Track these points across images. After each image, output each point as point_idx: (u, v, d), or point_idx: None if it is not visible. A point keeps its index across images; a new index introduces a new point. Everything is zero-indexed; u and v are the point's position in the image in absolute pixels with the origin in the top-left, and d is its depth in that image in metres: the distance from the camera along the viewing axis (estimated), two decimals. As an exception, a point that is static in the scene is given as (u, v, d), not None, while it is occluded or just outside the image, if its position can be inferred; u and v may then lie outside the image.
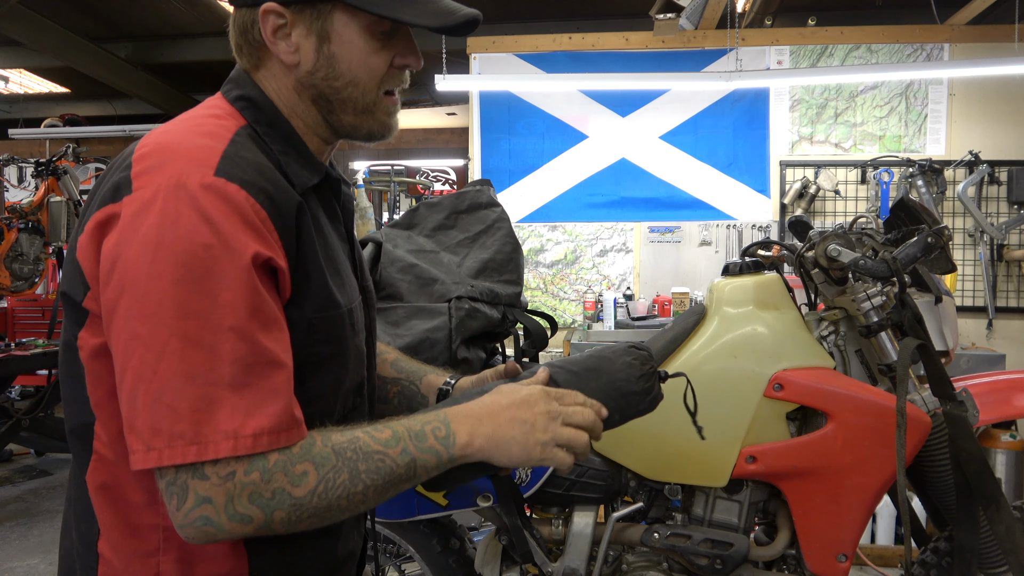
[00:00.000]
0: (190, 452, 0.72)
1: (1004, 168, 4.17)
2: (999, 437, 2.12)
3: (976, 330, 4.20)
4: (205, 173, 0.77)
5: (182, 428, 0.72)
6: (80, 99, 8.11)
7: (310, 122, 0.94)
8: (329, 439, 0.80)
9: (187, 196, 0.75)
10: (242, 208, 0.77)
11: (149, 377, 0.73)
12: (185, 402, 0.72)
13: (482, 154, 4.54)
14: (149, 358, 0.73)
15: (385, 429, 0.84)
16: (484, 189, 1.88)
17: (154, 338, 0.73)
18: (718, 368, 1.56)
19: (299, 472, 0.77)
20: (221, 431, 0.73)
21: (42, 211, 4.72)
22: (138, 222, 0.75)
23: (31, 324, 6.01)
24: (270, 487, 0.75)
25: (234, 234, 0.76)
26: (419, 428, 0.85)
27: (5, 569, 3.18)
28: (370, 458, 0.81)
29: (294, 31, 0.88)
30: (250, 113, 0.90)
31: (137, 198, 0.77)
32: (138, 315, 0.74)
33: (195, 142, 0.82)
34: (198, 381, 0.73)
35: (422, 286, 1.64)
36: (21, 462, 4.92)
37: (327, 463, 0.78)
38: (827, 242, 1.57)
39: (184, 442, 0.72)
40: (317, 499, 0.78)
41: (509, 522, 1.61)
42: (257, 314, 0.76)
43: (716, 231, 4.40)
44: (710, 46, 4.36)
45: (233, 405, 0.74)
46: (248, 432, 0.74)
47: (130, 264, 0.74)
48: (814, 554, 1.52)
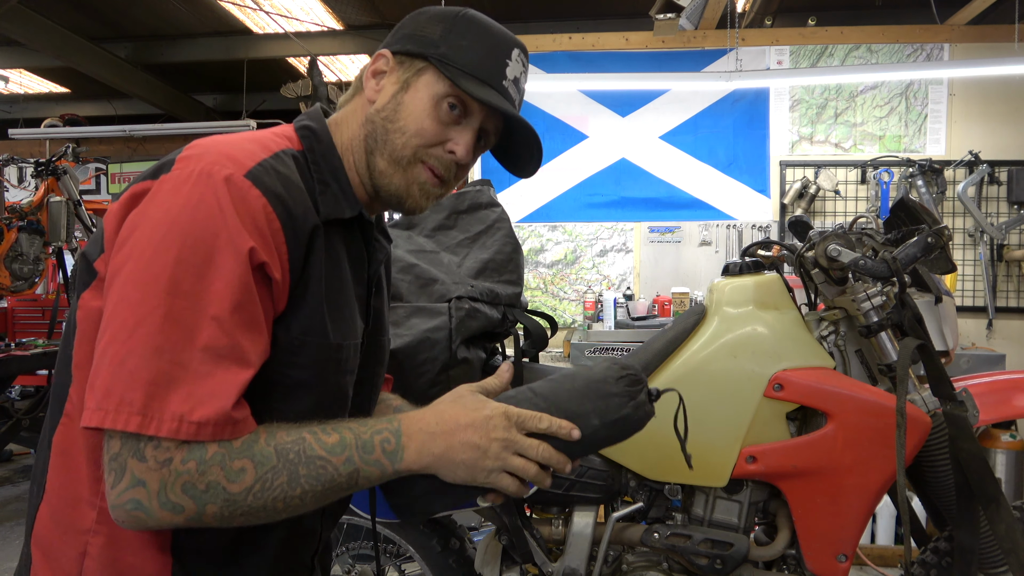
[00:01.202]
0: (133, 421, 0.73)
1: (1004, 168, 4.17)
2: (999, 437, 2.13)
3: (976, 330, 4.20)
4: (236, 171, 0.81)
5: (133, 396, 0.73)
6: (80, 99, 8.12)
7: (357, 158, 0.99)
8: (274, 437, 0.80)
9: (212, 185, 0.79)
10: (255, 211, 0.81)
11: (123, 340, 0.75)
12: (146, 372, 0.74)
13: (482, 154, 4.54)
14: (129, 323, 0.75)
15: (333, 433, 0.83)
16: (484, 189, 1.88)
17: (141, 305, 0.75)
18: (718, 368, 1.56)
19: (237, 468, 0.77)
20: (170, 411, 0.74)
21: (42, 211, 4.71)
22: (163, 198, 0.80)
23: (31, 324, 6.01)
24: (205, 479, 0.75)
25: (240, 230, 0.79)
26: (368, 437, 0.84)
27: (5, 569, 3.18)
28: (312, 463, 0.80)
29: (389, 76, 0.97)
30: (308, 141, 0.95)
31: (172, 177, 0.81)
32: (135, 281, 0.76)
33: (242, 145, 0.86)
34: (165, 357, 0.74)
35: (422, 286, 1.64)
36: (21, 462, 4.92)
37: (267, 463, 0.78)
38: (827, 242, 1.57)
39: (131, 410, 0.73)
40: (252, 498, 0.78)
41: (509, 522, 1.61)
42: (241, 310, 0.78)
43: (716, 231, 4.40)
44: (710, 46, 4.36)
45: (190, 390, 0.75)
46: (194, 419, 0.74)
47: (144, 234, 0.78)
48: (814, 554, 1.52)
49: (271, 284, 0.83)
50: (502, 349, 1.80)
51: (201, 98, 8.24)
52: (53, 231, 4.72)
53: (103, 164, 7.10)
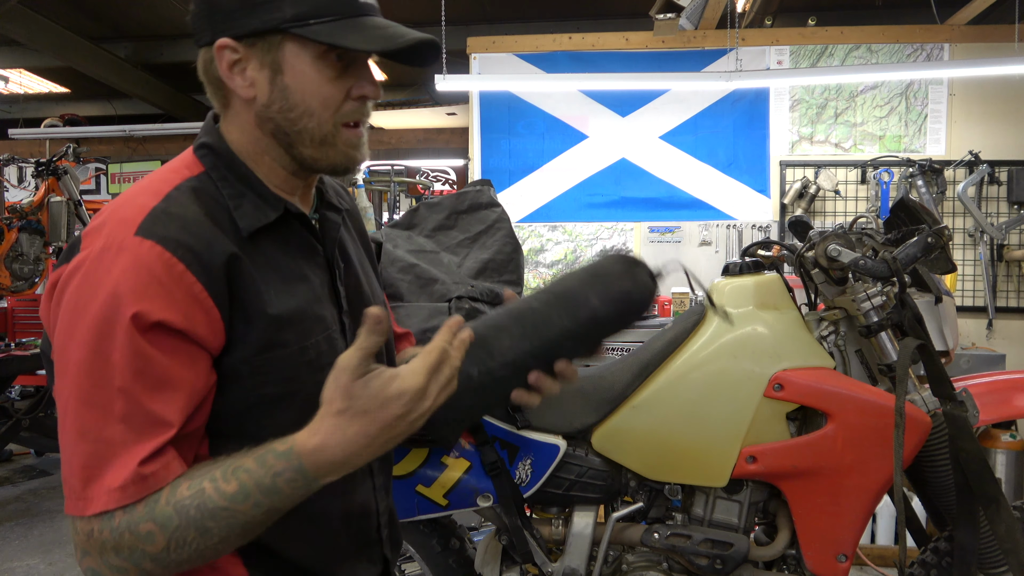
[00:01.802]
0: (78, 507, 0.77)
1: (1004, 168, 4.17)
2: (999, 437, 2.13)
3: (976, 330, 4.20)
4: (127, 234, 0.80)
5: (74, 483, 0.77)
6: (80, 99, 8.11)
7: (275, 156, 0.93)
8: (174, 495, 0.77)
9: (107, 259, 0.79)
10: (151, 266, 0.79)
11: (62, 432, 0.79)
12: (78, 458, 0.77)
13: (482, 154, 4.54)
14: (61, 415, 0.79)
15: (232, 480, 0.77)
16: (484, 189, 1.88)
17: (65, 396, 0.79)
18: (718, 368, 1.56)
19: (144, 532, 0.76)
20: (105, 487, 0.76)
21: (42, 211, 4.72)
22: (69, 284, 0.81)
23: (31, 324, 6.01)
24: (124, 544, 0.77)
25: (126, 297, 0.77)
26: (270, 482, 0.77)
27: (5, 569, 3.18)
28: (217, 515, 0.77)
29: (248, 65, 0.88)
30: (208, 160, 0.91)
31: (76, 261, 0.82)
32: (59, 373, 0.80)
33: (134, 201, 0.85)
34: (88, 438, 0.77)
35: (422, 286, 1.64)
36: (21, 462, 4.92)
37: (170, 524, 0.77)
38: (827, 242, 1.57)
39: (75, 497, 0.77)
40: (175, 553, 0.77)
41: (509, 522, 1.61)
42: (141, 376, 0.78)
43: (716, 231, 4.40)
44: (710, 46, 4.36)
45: (115, 466, 0.76)
46: (114, 487, 0.76)
47: (59, 325, 0.81)
48: (814, 554, 1.52)
49: (184, 334, 0.80)
50: (502, 349, 1.80)
51: (201, 98, 8.22)
52: (53, 231, 4.72)
53: (103, 164, 7.10)
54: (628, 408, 1.60)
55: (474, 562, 1.73)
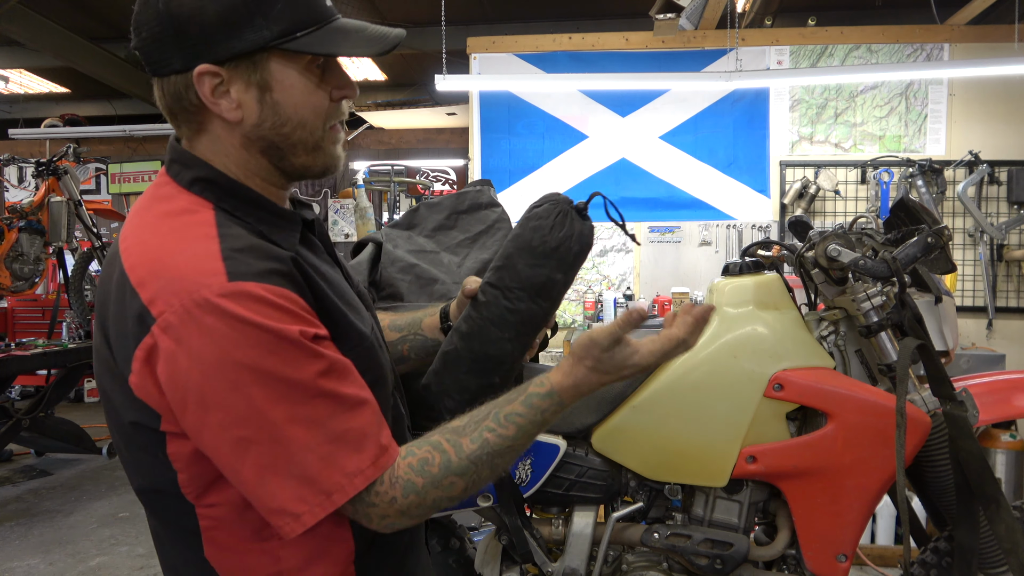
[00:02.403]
0: (333, 501, 0.83)
1: (1004, 168, 4.17)
2: (999, 437, 2.13)
3: (976, 330, 4.20)
4: (221, 282, 0.80)
5: (320, 486, 0.83)
6: (80, 99, 8.11)
7: (263, 174, 0.94)
8: (462, 450, 0.91)
9: (217, 309, 0.78)
10: (268, 300, 0.81)
11: (270, 465, 0.81)
12: (313, 468, 0.82)
13: (482, 154, 4.54)
14: (264, 450, 0.81)
15: (510, 425, 0.94)
16: (485, 189, 1.88)
17: (260, 430, 0.81)
18: (718, 368, 1.56)
19: (447, 483, 0.90)
20: (348, 473, 0.84)
21: (43, 211, 4.72)
22: (184, 347, 0.79)
23: (31, 324, 6.02)
24: (429, 498, 0.90)
25: (274, 325, 0.80)
26: (540, 418, 0.96)
27: (5, 569, 3.18)
28: (503, 453, 0.94)
29: (232, 87, 0.87)
30: (211, 194, 0.89)
31: (166, 324, 0.79)
32: (233, 423, 0.80)
33: (191, 250, 0.83)
34: (314, 446, 0.82)
35: (422, 286, 1.64)
36: (21, 462, 4.92)
37: (468, 472, 0.91)
38: (827, 242, 1.57)
39: (323, 497, 0.83)
40: (471, 489, 0.93)
41: (509, 522, 1.61)
42: (330, 374, 0.84)
43: (716, 231, 4.40)
44: (710, 46, 4.36)
45: (347, 451, 0.84)
46: (364, 466, 0.85)
47: (201, 387, 0.79)
48: (814, 554, 1.52)
49: (327, 338, 0.87)
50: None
51: (201, 98, 8.23)
52: (54, 231, 4.72)
53: (103, 164, 7.10)
54: (628, 408, 1.60)
55: (474, 562, 1.73)
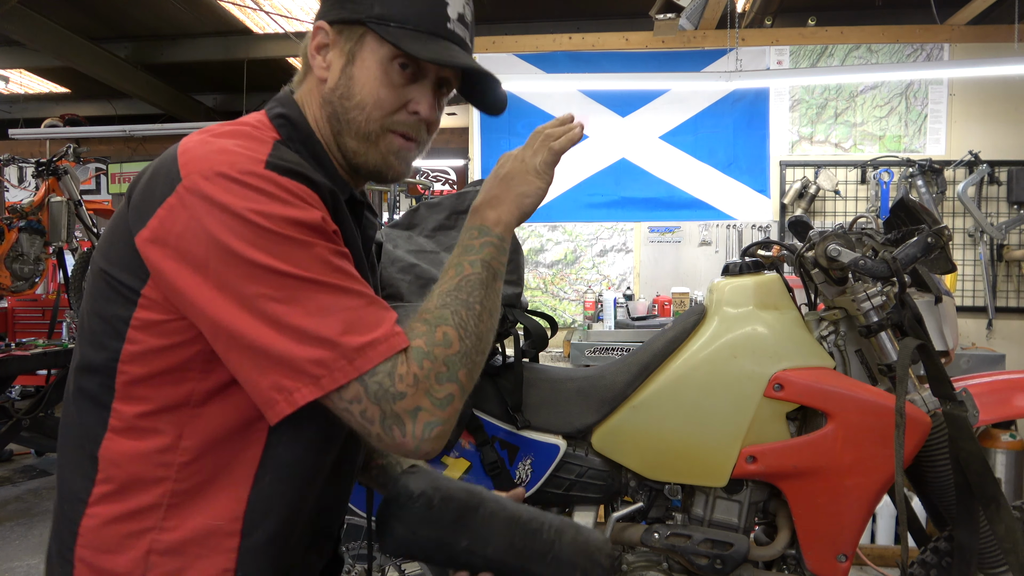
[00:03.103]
0: (356, 365, 0.79)
1: (1004, 168, 4.17)
2: (999, 437, 2.13)
3: (976, 330, 4.20)
4: (257, 166, 0.82)
5: (338, 352, 0.79)
6: (80, 99, 8.11)
7: (329, 141, 0.98)
8: (429, 309, 0.89)
9: (248, 176, 0.80)
10: (295, 189, 0.83)
11: (287, 323, 0.78)
12: (331, 330, 0.79)
13: (482, 154, 4.54)
14: (279, 310, 0.78)
15: (448, 270, 0.92)
16: (484, 189, 1.87)
17: (280, 288, 0.79)
18: (718, 368, 1.56)
19: (440, 337, 0.85)
20: (368, 342, 0.80)
21: (43, 211, 4.72)
22: (206, 203, 0.79)
23: (31, 324, 6.01)
24: (439, 360, 0.84)
25: (300, 203, 0.82)
26: (465, 243, 0.95)
27: (5, 569, 3.18)
28: (460, 288, 0.89)
29: (332, 50, 0.95)
30: (286, 131, 0.94)
31: (193, 184, 0.80)
32: (246, 279, 0.78)
33: (242, 144, 0.86)
34: (334, 311, 0.80)
35: (422, 286, 1.64)
36: (21, 462, 4.92)
37: (446, 316, 0.87)
38: (827, 242, 1.57)
39: (345, 362, 0.79)
40: (468, 341, 0.87)
41: (509, 522, 1.61)
42: (346, 258, 0.85)
43: (716, 231, 4.40)
44: (710, 46, 4.36)
45: (367, 321, 0.82)
46: (386, 335, 0.82)
47: (224, 241, 0.78)
48: (814, 554, 1.52)
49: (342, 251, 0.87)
50: (502, 349, 1.80)
51: (201, 98, 8.24)
52: (54, 231, 4.72)
53: (103, 164, 7.11)
54: (628, 408, 1.60)
55: (474, 562, 1.73)
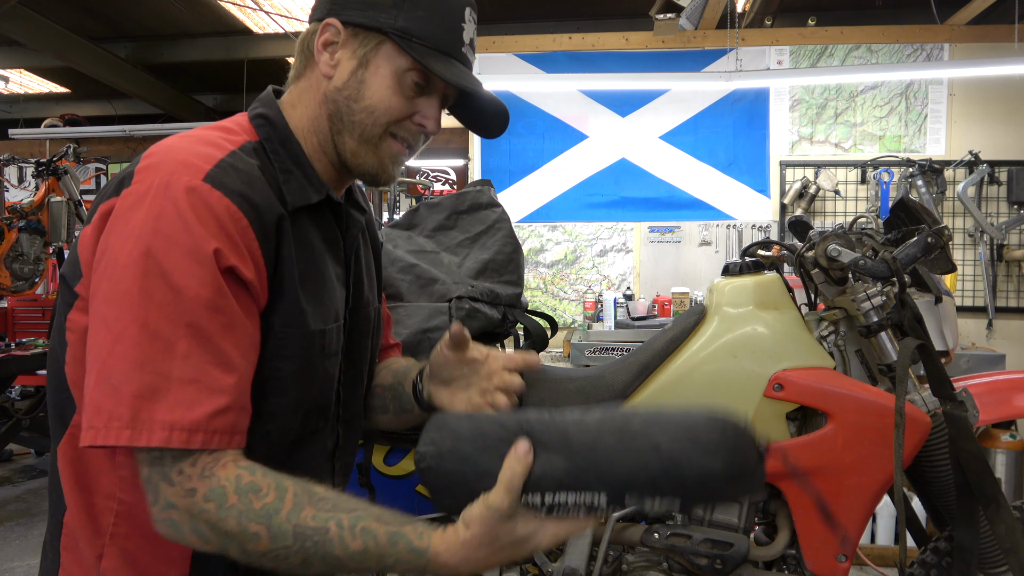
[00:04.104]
0: (123, 435, 0.75)
1: (1004, 168, 4.17)
2: (999, 437, 2.13)
3: (976, 330, 4.20)
4: (194, 177, 0.81)
5: (121, 411, 0.75)
6: (80, 99, 8.11)
7: (321, 137, 0.98)
8: (298, 513, 0.77)
9: (172, 196, 0.80)
10: (219, 213, 0.80)
11: (103, 358, 0.77)
12: (129, 386, 0.75)
13: (482, 154, 4.54)
14: (108, 340, 0.77)
15: (359, 539, 0.78)
16: (484, 189, 1.88)
17: (116, 321, 0.77)
18: (718, 368, 1.56)
19: (252, 531, 0.77)
20: (158, 420, 0.75)
21: (43, 211, 4.72)
22: (128, 215, 0.80)
23: (31, 324, 6.01)
24: (223, 526, 0.77)
25: (204, 236, 0.79)
26: (391, 563, 0.79)
27: (5, 569, 3.18)
28: (328, 560, 0.78)
29: (342, 49, 0.95)
30: (264, 131, 0.94)
31: (132, 192, 0.82)
32: (109, 300, 0.78)
33: (196, 149, 0.86)
34: (147, 369, 0.75)
35: (422, 286, 1.64)
36: (21, 462, 4.92)
37: (282, 540, 0.77)
38: (827, 242, 1.57)
39: (120, 424, 0.75)
40: (267, 561, 0.79)
41: (509, 522, 1.61)
42: (218, 314, 0.79)
43: (716, 231, 4.40)
44: (710, 46, 4.36)
45: (176, 398, 0.76)
46: (184, 425, 0.75)
47: (113, 253, 0.79)
48: (814, 554, 1.52)
49: (246, 285, 0.83)
50: (502, 349, 1.80)
51: (201, 98, 8.24)
52: (54, 231, 4.72)
53: (103, 164, 7.11)
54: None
55: (474, 562, 1.73)
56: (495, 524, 0.78)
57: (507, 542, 0.79)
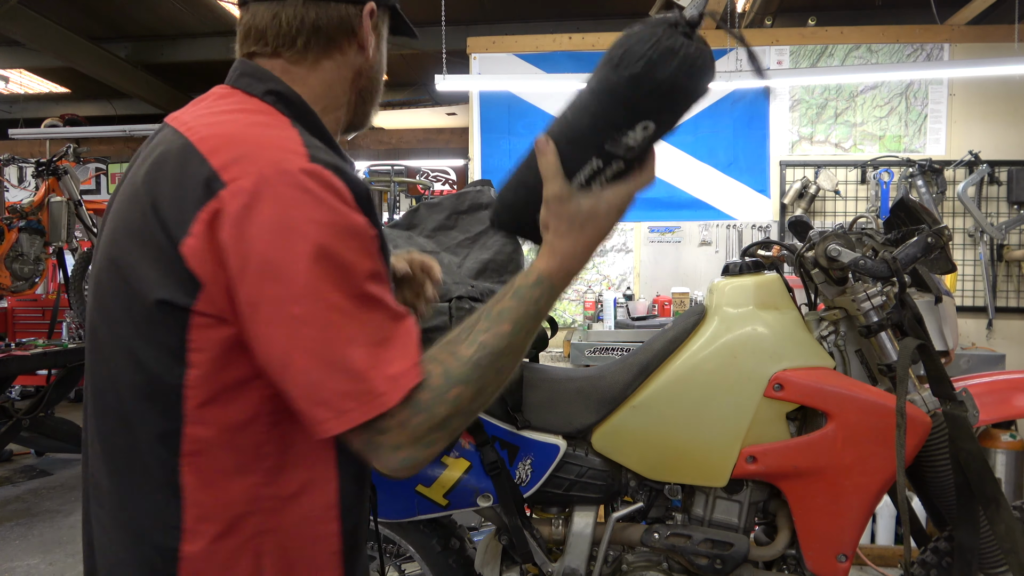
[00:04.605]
0: (374, 406, 0.78)
1: (1004, 168, 4.17)
2: (999, 437, 2.12)
3: (976, 330, 4.20)
4: (301, 159, 0.81)
5: (357, 388, 0.78)
6: (80, 99, 8.12)
7: (342, 111, 1.01)
8: (461, 357, 0.84)
9: (295, 181, 0.79)
10: (341, 190, 0.82)
11: (321, 351, 0.78)
12: (357, 364, 0.78)
13: (482, 154, 4.54)
14: (315, 334, 0.77)
15: (504, 322, 0.86)
16: (485, 190, 1.88)
17: (315, 316, 0.77)
18: (718, 368, 1.56)
19: (452, 397, 0.82)
20: (389, 380, 0.79)
21: (42, 211, 4.72)
22: (253, 213, 0.77)
23: (31, 324, 6.02)
24: (439, 417, 0.82)
25: (346, 210, 0.81)
26: (534, 309, 0.87)
27: (5, 569, 3.18)
28: (504, 353, 0.85)
29: (375, 29, 1.01)
30: (283, 108, 0.92)
31: (238, 189, 0.78)
32: (291, 299, 0.77)
33: (270, 133, 0.85)
34: (359, 342, 0.79)
35: (422, 286, 1.64)
36: (21, 462, 4.92)
37: (472, 377, 0.83)
38: (827, 242, 1.57)
39: (363, 400, 0.78)
40: (478, 401, 0.85)
41: (509, 522, 1.61)
42: (380, 278, 0.83)
43: (716, 231, 4.40)
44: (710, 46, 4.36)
45: (391, 357, 0.80)
46: (399, 374, 0.80)
47: (266, 254, 0.77)
48: (814, 554, 1.52)
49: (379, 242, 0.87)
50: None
51: (201, 98, 8.24)
52: (54, 231, 4.72)
53: (103, 164, 7.11)
54: (628, 408, 1.60)
55: (474, 562, 1.73)
56: (561, 210, 0.87)
57: (583, 219, 0.87)
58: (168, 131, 0.90)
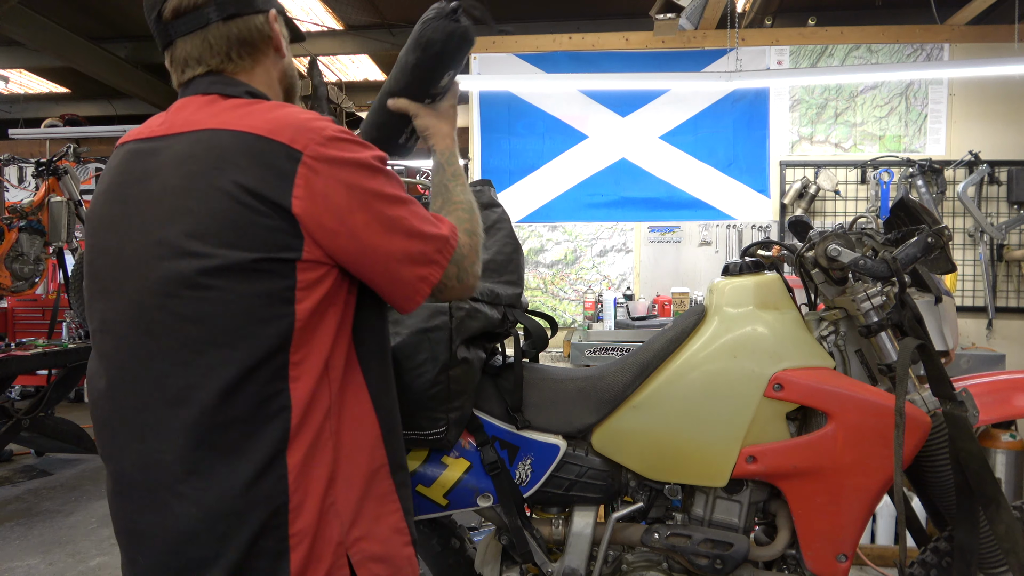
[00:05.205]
0: (449, 248, 1.13)
1: (1004, 168, 4.17)
2: (999, 437, 2.12)
3: (976, 330, 4.20)
4: (329, 124, 1.06)
5: (440, 243, 1.13)
6: (80, 99, 8.11)
7: None
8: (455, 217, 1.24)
9: (337, 137, 1.05)
10: (360, 139, 1.10)
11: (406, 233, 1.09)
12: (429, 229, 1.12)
13: (482, 154, 4.54)
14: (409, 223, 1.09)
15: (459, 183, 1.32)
16: (484, 189, 1.88)
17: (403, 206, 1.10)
18: (718, 368, 1.56)
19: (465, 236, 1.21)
20: (448, 229, 1.16)
21: (43, 211, 4.72)
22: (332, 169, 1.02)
23: (31, 324, 6.02)
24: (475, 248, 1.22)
25: (372, 148, 1.10)
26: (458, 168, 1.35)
27: (5, 569, 3.18)
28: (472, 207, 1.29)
29: (281, 31, 1.21)
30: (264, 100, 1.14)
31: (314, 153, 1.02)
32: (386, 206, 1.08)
33: (295, 110, 1.07)
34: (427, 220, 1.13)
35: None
36: (21, 462, 4.93)
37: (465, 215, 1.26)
38: (827, 242, 1.57)
39: (443, 243, 1.13)
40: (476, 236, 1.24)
41: (509, 522, 1.61)
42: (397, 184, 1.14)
43: (716, 231, 4.40)
44: (710, 46, 4.36)
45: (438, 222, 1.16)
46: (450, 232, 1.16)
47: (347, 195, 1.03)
48: (814, 554, 1.52)
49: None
50: (502, 349, 1.80)
51: (201, 98, 8.23)
52: (54, 231, 4.72)
53: (103, 164, 7.10)
54: (628, 408, 1.60)
55: (474, 562, 1.73)
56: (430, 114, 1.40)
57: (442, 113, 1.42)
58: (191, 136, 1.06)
